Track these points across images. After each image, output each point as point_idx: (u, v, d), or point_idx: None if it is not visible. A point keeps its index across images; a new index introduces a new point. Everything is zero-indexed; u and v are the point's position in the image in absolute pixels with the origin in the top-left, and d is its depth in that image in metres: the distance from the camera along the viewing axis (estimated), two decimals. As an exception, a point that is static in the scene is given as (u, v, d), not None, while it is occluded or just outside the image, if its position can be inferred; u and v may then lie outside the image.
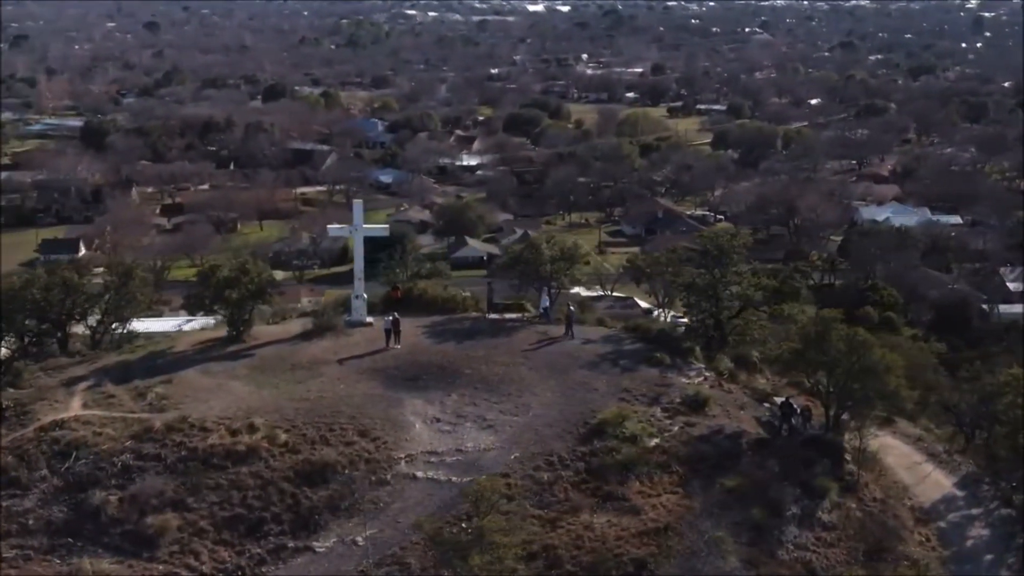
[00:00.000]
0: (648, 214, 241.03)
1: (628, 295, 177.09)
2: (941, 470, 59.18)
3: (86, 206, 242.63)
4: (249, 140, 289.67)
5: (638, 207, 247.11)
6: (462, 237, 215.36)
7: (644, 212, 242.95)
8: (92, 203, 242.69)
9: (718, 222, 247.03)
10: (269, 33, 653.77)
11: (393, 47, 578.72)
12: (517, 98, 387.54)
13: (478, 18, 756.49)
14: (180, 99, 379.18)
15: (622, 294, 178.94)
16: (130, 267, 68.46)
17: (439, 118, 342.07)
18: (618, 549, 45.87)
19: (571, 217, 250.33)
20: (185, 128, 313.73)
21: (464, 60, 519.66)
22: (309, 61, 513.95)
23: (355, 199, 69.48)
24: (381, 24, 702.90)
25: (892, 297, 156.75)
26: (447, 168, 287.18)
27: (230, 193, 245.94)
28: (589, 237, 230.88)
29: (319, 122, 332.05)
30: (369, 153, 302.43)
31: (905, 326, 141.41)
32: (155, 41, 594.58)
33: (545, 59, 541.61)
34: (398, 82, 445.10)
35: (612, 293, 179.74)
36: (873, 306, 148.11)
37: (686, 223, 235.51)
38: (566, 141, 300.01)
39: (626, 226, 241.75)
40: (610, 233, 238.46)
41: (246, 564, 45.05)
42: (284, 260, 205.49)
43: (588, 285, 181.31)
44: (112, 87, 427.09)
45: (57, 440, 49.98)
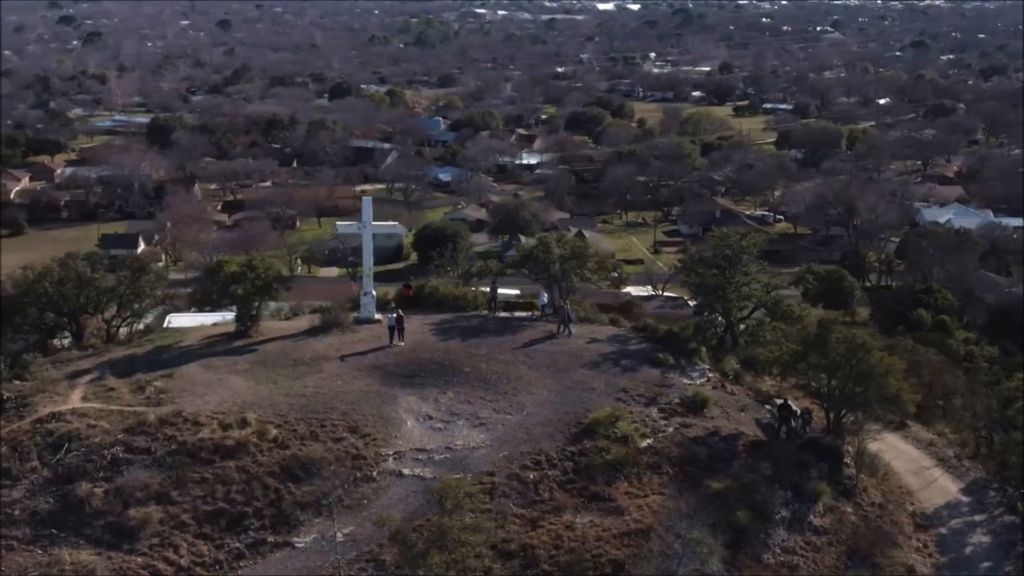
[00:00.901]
0: (706, 213, 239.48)
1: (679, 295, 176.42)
2: (949, 475, 58.33)
3: (148, 202, 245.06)
4: (312, 138, 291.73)
5: (696, 206, 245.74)
6: (516, 235, 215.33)
7: (701, 211, 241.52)
8: (154, 199, 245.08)
9: (777, 222, 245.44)
10: (339, 31, 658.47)
11: (461, 46, 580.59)
12: (581, 97, 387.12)
13: (547, 17, 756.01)
14: (248, 97, 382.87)
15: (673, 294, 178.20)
16: (143, 262, 69.07)
17: (501, 117, 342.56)
18: (597, 550, 45.58)
19: (628, 216, 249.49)
20: (250, 125, 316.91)
21: (531, 59, 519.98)
22: (377, 59, 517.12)
23: (365, 196, 68.99)
24: (450, 23, 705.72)
25: (946, 300, 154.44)
26: (506, 167, 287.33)
27: (290, 190, 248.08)
28: (645, 236, 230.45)
29: (383, 120, 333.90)
30: (430, 151, 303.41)
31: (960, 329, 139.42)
32: (227, 39, 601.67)
33: (612, 58, 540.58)
34: (464, 81, 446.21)
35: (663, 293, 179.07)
36: (926, 309, 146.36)
37: (744, 223, 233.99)
38: (627, 140, 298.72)
39: (683, 225, 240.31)
40: (667, 232, 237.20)
41: (224, 558, 45.28)
42: (339, 256, 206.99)
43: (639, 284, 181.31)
44: (182, 84, 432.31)
45: (51, 432, 50.59)
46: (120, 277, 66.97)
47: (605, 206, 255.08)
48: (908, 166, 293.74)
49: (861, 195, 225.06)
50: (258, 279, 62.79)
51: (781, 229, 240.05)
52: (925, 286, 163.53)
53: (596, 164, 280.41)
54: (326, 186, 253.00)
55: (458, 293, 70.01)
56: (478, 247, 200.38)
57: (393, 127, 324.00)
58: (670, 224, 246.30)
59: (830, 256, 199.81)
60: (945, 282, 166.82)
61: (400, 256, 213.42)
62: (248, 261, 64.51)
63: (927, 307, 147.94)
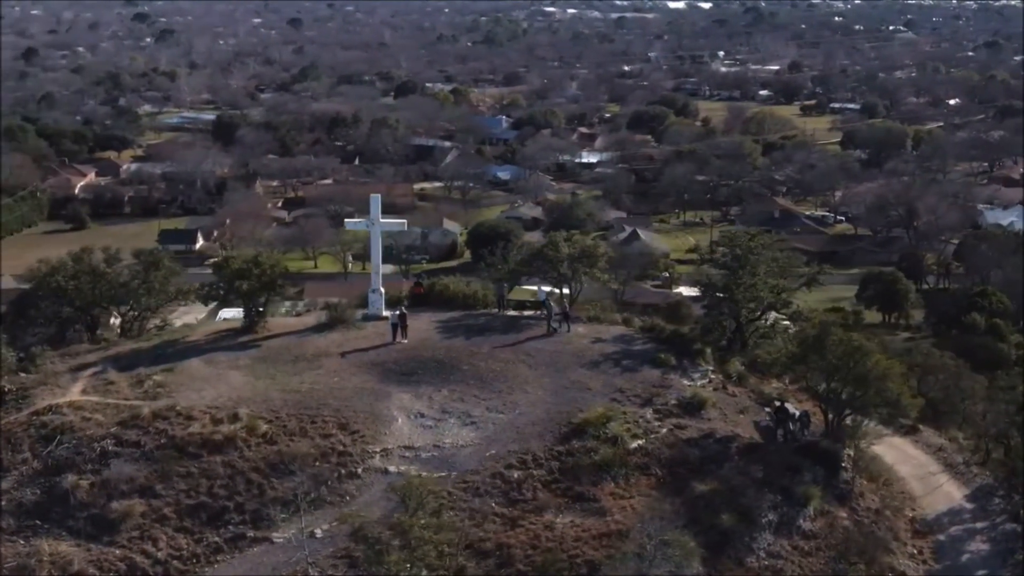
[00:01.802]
0: (764, 213, 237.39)
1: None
2: (956, 481, 57.34)
3: (210, 198, 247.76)
4: (373, 136, 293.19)
5: (754, 206, 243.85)
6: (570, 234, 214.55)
7: (760, 211, 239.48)
8: (216, 195, 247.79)
9: (838, 223, 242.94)
10: (409, 30, 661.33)
11: (528, 44, 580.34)
12: (646, 95, 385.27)
13: (616, 15, 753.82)
14: (315, 95, 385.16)
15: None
16: (157, 256, 69.77)
17: (564, 115, 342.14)
18: (574, 550, 45.37)
19: (685, 215, 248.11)
20: (314, 123, 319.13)
21: (598, 57, 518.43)
22: (444, 58, 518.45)
23: (373, 193, 68.91)
24: (519, 21, 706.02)
25: (1001, 304, 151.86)
26: (565, 165, 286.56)
27: (349, 187, 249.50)
28: (702, 236, 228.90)
29: (445, 118, 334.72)
30: (491, 149, 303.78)
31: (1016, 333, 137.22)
32: (297, 37, 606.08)
33: (680, 56, 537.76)
34: (529, 79, 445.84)
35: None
36: (981, 312, 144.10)
37: (802, 223, 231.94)
38: (689, 139, 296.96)
39: (740, 225, 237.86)
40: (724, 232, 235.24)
41: (202, 552, 45.61)
42: (394, 254, 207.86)
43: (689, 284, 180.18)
44: (251, 82, 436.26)
45: (45, 424, 51.21)
46: (133, 272, 67.68)
47: (663, 205, 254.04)
48: (974, 168, 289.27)
49: (923, 196, 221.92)
50: (263, 276, 63.12)
51: (841, 230, 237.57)
52: (981, 289, 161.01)
53: (656, 163, 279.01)
54: (384, 184, 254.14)
55: (468, 291, 69.91)
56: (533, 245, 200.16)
57: (455, 125, 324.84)
58: (728, 224, 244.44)
59: (888, 258, 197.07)
60: (1002, 285, 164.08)
61: (454, 254, 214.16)
62: (254, 257, 64.80)
63: (981, 311, 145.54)
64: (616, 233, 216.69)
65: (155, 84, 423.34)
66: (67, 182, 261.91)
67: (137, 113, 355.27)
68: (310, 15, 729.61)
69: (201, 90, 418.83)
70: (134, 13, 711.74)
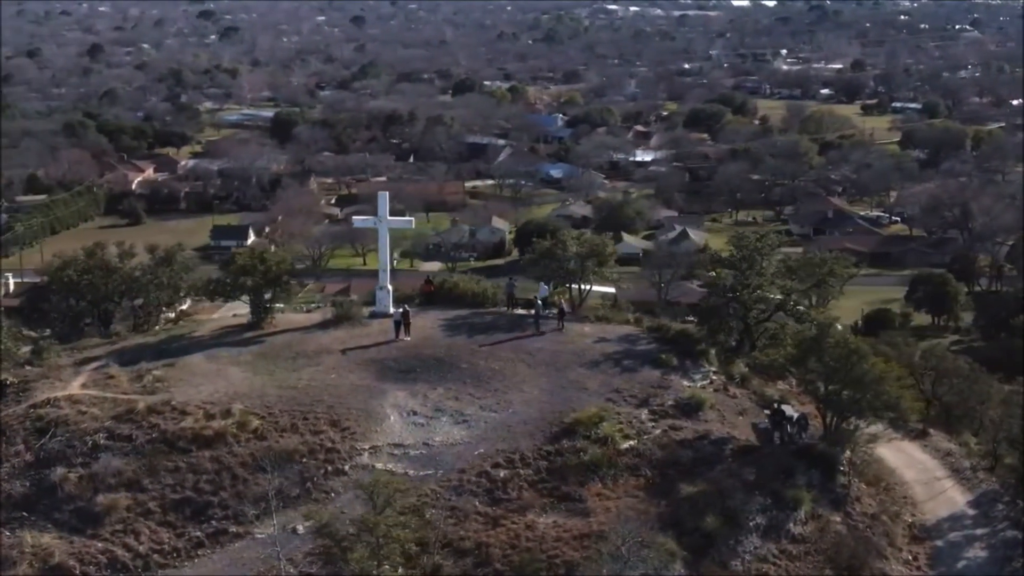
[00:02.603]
0: (818, 213, 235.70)
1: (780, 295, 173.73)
2: (961, 487, 56.39)
3: (264, 194, 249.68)
4: (428, 133, 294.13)
5: (808, 206, 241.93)
6: (619, 233, 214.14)
7: (814, 211, 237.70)
8: (270, 191, 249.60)
9: (893, 223, 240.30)
10: (470, 28, 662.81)
11: (589, 42, 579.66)
12: (705, 93, 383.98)
13: (679, 13, 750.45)
14: (374, 92, 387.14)
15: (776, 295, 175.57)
16: (170, 251, 70.31)
17: (620, 113, 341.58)
18: (553, 551, 45.11)
19: (738, 215, 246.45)
20: (371, 121, 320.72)
21: (658, 55, 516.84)
22: (504, 56, 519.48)
23: (381, 191, 69.07)
24: (581, 19, 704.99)
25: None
26: (619, 163, 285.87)
27: (401, 185, 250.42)
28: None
29: (501, 116, 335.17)
30: (545, 147, 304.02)
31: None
32: (359, 35, 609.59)
33: (741, 54, 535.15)
34: (588, 77, 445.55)
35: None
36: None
37: (856, 223, 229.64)
38: (746, 137, 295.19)
39: (793, 225, 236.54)
40: (777, 232, 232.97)
41: (183, 546, 45.84)
42: (442, 251, 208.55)
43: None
44: (311, 80, 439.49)
45: (41, 417, 51.81)
46: (145, 267, 68.30)
47: (716, 204, 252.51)
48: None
49: (979, 197, 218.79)
50: (268, 272, 63.44)
51: (895, 231, 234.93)
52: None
53: (711, 162, 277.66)
54: (436, 181, 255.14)
55: (477, 289, 69.75)
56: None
57: (511, 123, 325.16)
58: (781, 224, 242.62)
59: (941, 259, 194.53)
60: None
61: (502, 252, 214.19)
62: (260, 254, 65.12)
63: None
64: (666, 232, 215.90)
65: (217, 81, 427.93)
66: (124, 177, 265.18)
67: (197, 110, 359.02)
68: (373, 13, 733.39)
69: (262, 87, 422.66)
70: (200, 10, 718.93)
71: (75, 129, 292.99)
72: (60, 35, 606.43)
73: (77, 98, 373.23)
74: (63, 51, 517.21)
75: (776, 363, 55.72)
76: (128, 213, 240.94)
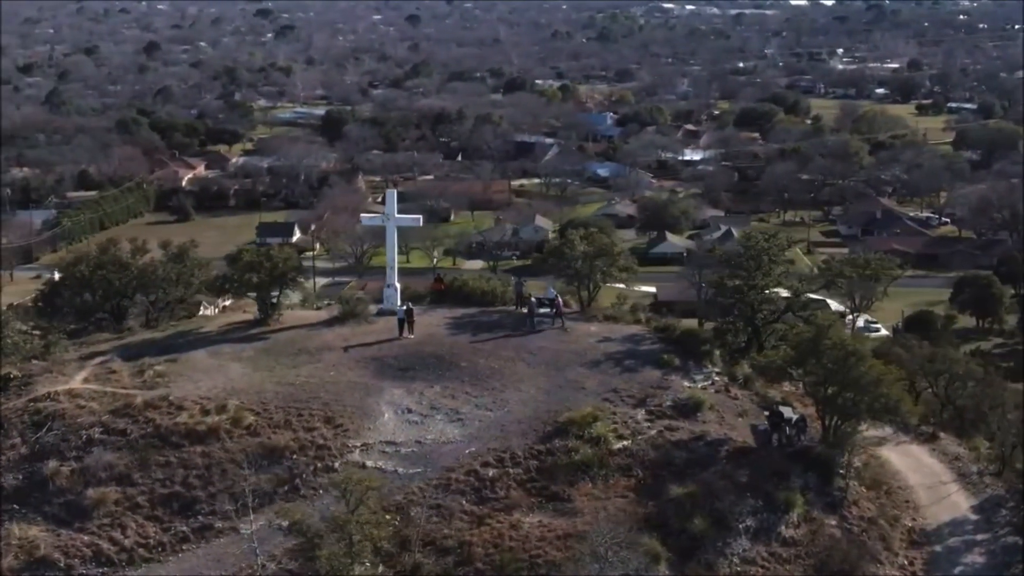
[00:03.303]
0: (866, 214, 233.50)
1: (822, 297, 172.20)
2: (966, 491, 55.49)
3: (312, 192, 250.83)
4: (476, 132, 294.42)
5: (857, 206, 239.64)
6: (663, 232, 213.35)
7: (862, 212, 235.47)
8: (318, 189, 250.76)
9: (943, 224, 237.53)
10: (525, 27, 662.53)
11: (643, 40, 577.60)
12: (757, 92, 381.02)
13: (735, 11, 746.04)
14: (425, 91, 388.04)
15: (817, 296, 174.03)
16: (183, 247, 70.79)
17: (671, 112, 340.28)
18: (536, 550, 44.91)
19: (785, 215, 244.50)
20: (420, 119, 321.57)
21: (712, 54, 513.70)
22: (557, 55, 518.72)
23: (389, 188, 69.18)
24: (636, 17, 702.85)
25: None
26: (667, 162, 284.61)
27: (447, 183, 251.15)
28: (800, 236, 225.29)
29: (551, 115, 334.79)
30: (593, 146, 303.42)
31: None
32: (414, 34, 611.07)
33: (796, 53, 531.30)
34: (641, 76, 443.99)
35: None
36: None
37: (904, 224, 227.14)
38: (797, 137, 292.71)
39: (842, 226, 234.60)
40: (825, 233, 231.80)
41: (169, 541, 46.09)
42: (484, 250, 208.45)
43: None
44: (364, 78, 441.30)
45: (39, 411, 52.34)
46: (158, 263, 68.82)
47: (764, 204, 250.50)
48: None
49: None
50: (274, 269, 63.70)
51: (944, 232, 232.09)
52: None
53: (760, 161, 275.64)
54: (482, 180, 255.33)
55: (486, 287, 69.66)
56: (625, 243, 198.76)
57: (560, 122, 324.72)
58: (830, 224, 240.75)
59: (989, 261, 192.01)
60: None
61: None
62: (266, 251, 65.40)
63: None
64: (711, 232, 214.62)
65: (271, 79, 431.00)
66: (175, 174, 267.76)
67: (250, 107, 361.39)
68: (429, 12, 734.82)
69: (315, 86, 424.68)
70: (257, 9, 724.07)
71: (128, 126, 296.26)
72: (118, 33, 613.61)
73: (132, 95, 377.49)
74: (120, 49, 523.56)
75: (774, 364, 55.05)
76: (177, 210, 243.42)
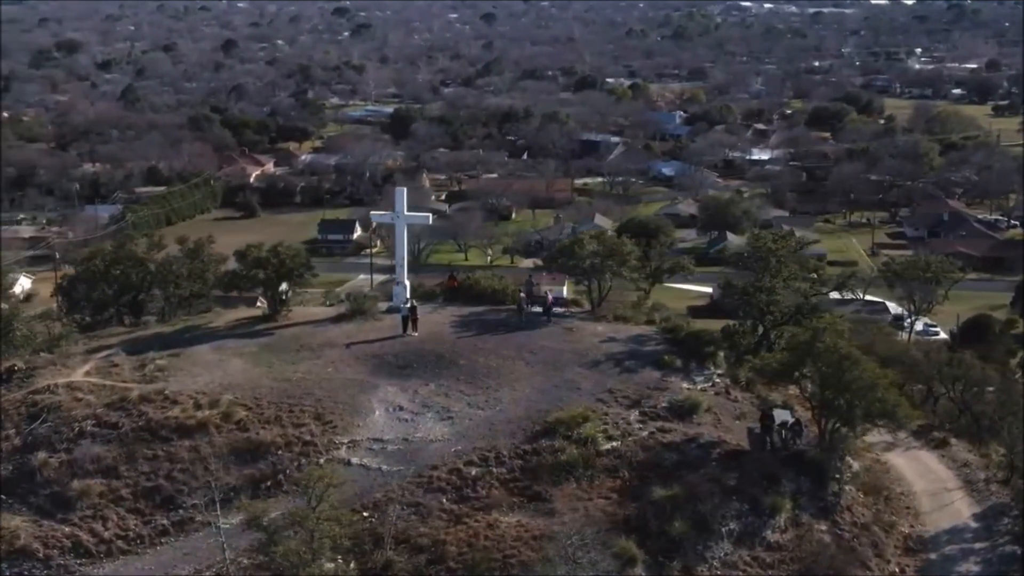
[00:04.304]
0: (933, 216, 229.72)
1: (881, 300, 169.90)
2: (970, 499, 54.31)
3: (376, 189, 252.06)
4: (543, 131, 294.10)
5: (925, 208, 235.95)
6: (723, 232, 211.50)
7: (929, 213, 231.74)
8: (382, 186, 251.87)
9: (1011, 227, 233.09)
10: (600, 25, 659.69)
11: (719, 39, 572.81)
12: (831, 92, 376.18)
13: (813, 10, 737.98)
14: (496, 90, 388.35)
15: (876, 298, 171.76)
16: (200, 243, 71.39)
17: (742, 111, 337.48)
18: (511, 550, 44.55)
19: (852, 216, 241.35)
20: (488, 118, 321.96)
21: (788, 52, 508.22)
22: (631, 53, 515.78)
23: (398, 187, 69.19)
24: (713, 16, 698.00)
25: None
26: (734, 162, 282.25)
27: (510, 181, 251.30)
28: (867, 237, 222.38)
29: (620, 114, 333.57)
30: (659, 145, 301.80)
31: None
32: (489, 32, 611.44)
33: (874, 52, 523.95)
34: (714, 74, 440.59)
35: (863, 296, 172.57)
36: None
37: (971, 227, 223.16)
38: (868, 137, 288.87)
39: (908, 227, 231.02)
40: (891, 235, 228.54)
41: (148, 533, 46.42)
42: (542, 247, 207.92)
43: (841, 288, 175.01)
44: (437, 76, 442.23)
45: (36, 403, 53.05)
46: (173, 259, 69.50)
47: (830, 205, 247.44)
48: None
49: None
50: (281, 265, 64.06)
51: (1013, 235, 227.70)
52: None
53: (829, 161, 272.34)
54: (545, 178, 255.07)
55: (497, 286, 69.53)
56: (684, 243, 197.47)
57: (628, 120, 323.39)
58: (896, 226, 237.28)
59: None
60: None
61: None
62: (274, 247, 65.76)
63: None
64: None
65: (344, 77, 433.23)
66: (242, 171, 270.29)
67: (321, 105, 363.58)
68: (505, 10, 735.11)
69: (388, 84, 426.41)
70: (335, 8, 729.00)
71: (200, 123, 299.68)
72: (198, 30, 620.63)
73: (207, 92, 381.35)
74: (198, 46, 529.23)
75: (770, 367, 54.19)
76: (243, 206, 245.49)
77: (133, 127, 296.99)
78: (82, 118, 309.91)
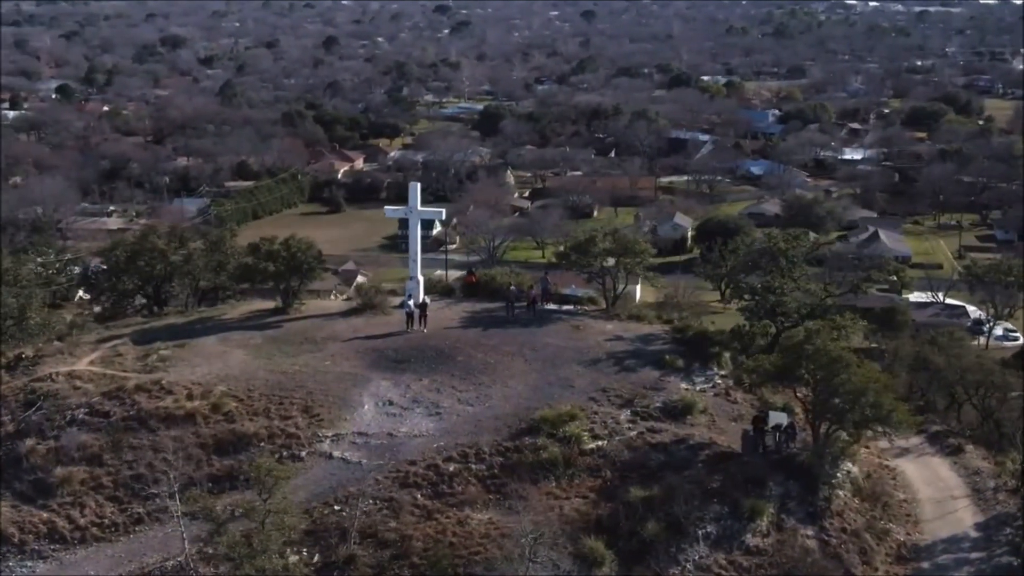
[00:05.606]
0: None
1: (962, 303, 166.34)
2: (975, 507, 52.72)
3: (461, 186, 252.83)
4: (631, 128, 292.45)
5: (1017, 211, 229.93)
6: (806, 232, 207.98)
7: (1020, 216, 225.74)
8: (467, 183, 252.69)
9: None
10: (701, 22, 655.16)
11: (820, 37, 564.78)
12: (931, 91, 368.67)
13: (919, 9, 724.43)
14: (590, 87, 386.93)
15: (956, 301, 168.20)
16: (222, 236, 71.98)
17: (838, 110, 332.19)
18: (477, 547, 44.15)
19: (941, 217, 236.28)
20: (577, 115, 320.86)
21: (890, 51, 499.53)
22: (730, 51, 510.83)
23: (412, 181, 69.04)
24: (816, 14, 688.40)
25: None
26: (825, 161, 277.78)
27: (594, 180, 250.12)
28: (954, 240, 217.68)
29: (712, 111, 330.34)
30: (750, 143, 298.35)
31: None
32: (588, 30, 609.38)
33: (978, 52, 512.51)
34: (813, 72, 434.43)
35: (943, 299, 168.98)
36: None
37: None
38: (964, 137, 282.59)
39: (999, 230, 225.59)
40: (980, 237, 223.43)
41: (123, 521, 46.82)
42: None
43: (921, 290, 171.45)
44: (532, 74, 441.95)
45: (35, 391, 53.80)
46: (192, 251, 70.16)
47: (920, 206, 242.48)
48: None
49: None
50: (292, 259, 64.34)
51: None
52: None
53: (923, 162, 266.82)
54: (630, 176, 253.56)
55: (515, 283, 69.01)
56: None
57: (720, 118, 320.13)
58: (987, 228, 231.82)
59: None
60: None
61: (683, 249, 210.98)
62: (285, 241, 66.03)
63: None
64: (858, 233, 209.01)
65: (440, 74, 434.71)
66: (331, 167, 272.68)
67: (414, 102, 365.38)
68: (606, 8, 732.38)
69: (482, 81, 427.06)
70: (436, 5, 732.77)
71: (293, 119, 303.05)
72: (301, 27, 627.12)
73: (304, 89, 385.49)
74: (300, 43, 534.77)
75: (763, 368, 53.01)
76: (329, 201, 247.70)
77: (228, 122, 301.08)
78: (179, 113, 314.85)
